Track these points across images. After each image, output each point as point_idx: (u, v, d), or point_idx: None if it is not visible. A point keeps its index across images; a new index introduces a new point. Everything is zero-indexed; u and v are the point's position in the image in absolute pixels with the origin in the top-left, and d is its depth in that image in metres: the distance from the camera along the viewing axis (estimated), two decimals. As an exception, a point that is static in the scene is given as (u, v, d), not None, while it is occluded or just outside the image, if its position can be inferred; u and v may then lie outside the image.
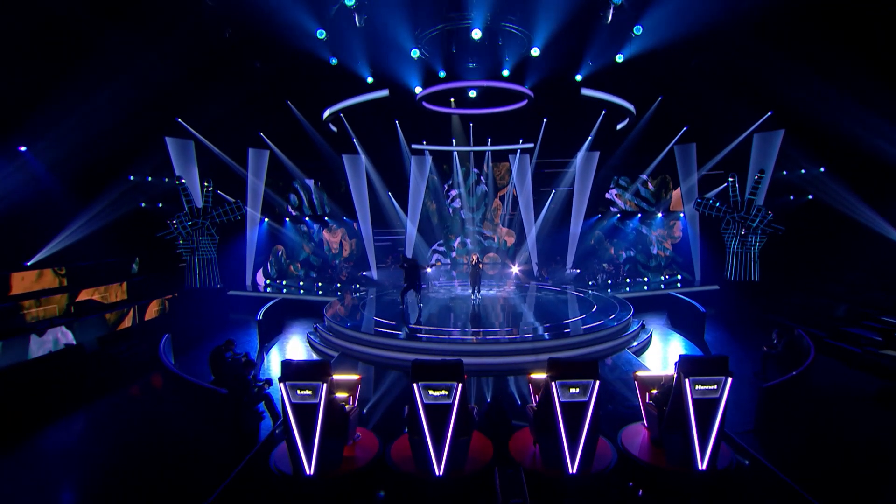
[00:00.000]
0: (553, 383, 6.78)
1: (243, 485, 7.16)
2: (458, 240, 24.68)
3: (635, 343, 13.75)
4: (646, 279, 21.24)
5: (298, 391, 6.82)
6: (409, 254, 22.94)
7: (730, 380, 6.97)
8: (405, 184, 23.36)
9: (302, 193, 22.71)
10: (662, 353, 13.41)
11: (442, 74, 17.39)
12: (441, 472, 6.81)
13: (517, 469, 6.49)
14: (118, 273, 14.71)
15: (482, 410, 8.48)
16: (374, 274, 22.92)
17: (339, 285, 20.33)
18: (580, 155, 22.75)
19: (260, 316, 14.31)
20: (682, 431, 7.03)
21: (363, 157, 22.34)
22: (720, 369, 6.98)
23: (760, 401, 8.83)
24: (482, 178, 24.65)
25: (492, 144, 23.40)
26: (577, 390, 6.77)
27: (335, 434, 7.10)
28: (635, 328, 14.57)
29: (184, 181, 15.64)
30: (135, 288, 14.47)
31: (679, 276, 21.44)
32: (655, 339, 14.66)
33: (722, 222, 18.23)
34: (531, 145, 22.43)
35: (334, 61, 16.26)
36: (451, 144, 23.60)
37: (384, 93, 14.87)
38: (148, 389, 10.66)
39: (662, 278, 21.45)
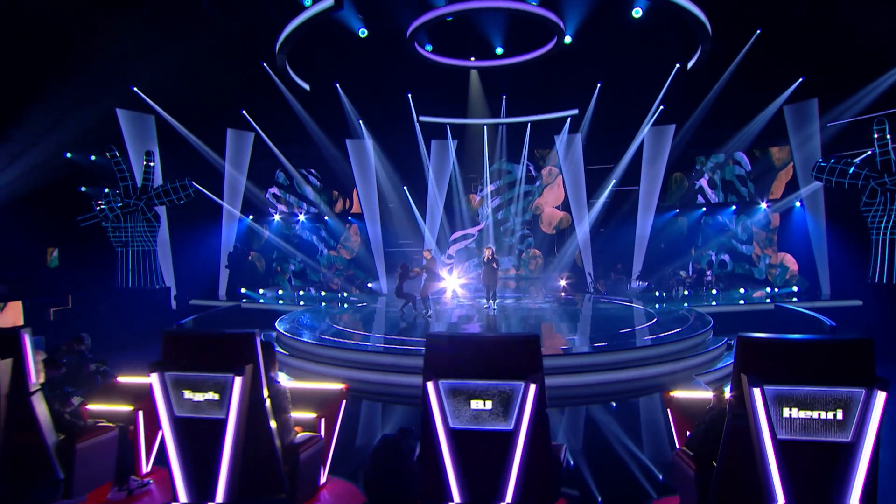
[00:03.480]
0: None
1: None
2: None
3: (715, 368, 9.46)
4: (742, 290, 16.38)
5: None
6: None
7: (881, 396, 2.98)
8: (422, 178, 20.41)
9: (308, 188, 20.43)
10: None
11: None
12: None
13: None
14: (27, 264, 12.75)
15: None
16: (384, 286, 19.86)
17: (322, 294, 17.39)
18: (646, 131, 18.67)
19: (188, 325, 11.58)
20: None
21: (369, 141, 19.70)
22: (853, 370, 3.05)
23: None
24: (529, 169, 21.09)
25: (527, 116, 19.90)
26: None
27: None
28: (715, 348, 10.22)
29: (116, 153, 13.63)
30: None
31: (795, 287, 16.37)
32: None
33: (864, 196, 13.21)
34: (574, 111, 18.70)
35: (308, 2, 13.85)
36: (477, 126, 20.42)
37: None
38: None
39: (768, 290, 16.46)
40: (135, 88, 15.47)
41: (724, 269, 18.08)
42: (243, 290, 17.17)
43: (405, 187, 20.59)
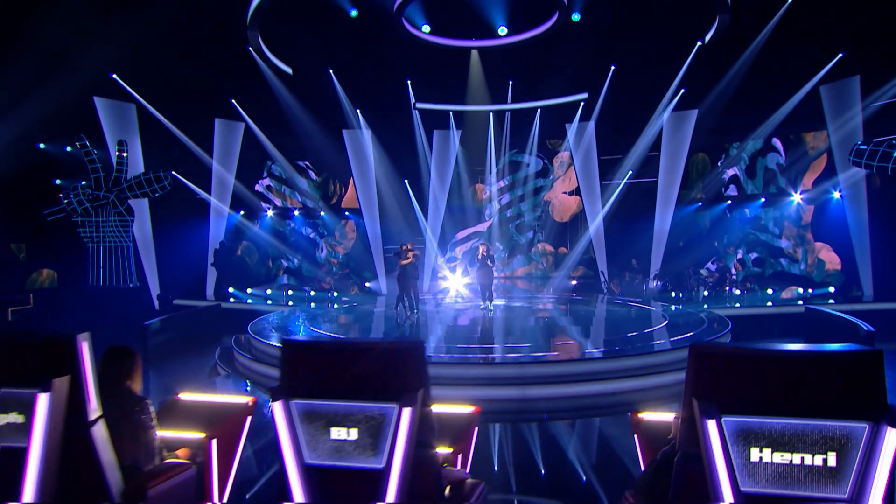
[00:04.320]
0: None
1: None
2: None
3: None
4: (770, 291, 15.16)
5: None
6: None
7: (892, 434, 2.08)
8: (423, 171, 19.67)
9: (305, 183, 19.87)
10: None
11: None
12: None
13: None
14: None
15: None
16: (383, 285, 19.16)
17: (312, 293, 16.74)
18: (666, 116, 17.57)
19: (154, 327, 10.99)
20: None
21: (366, 132, 19.02)
22: (854, 396, 2.17)
23: None
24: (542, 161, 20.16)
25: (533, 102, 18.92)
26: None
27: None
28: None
29: (87, 142, 13.19)
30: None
31: (831, 288, 15.08)
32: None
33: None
34: (584, 95, 17.67)
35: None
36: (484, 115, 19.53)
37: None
38: None
39: (800, 290, 15.19)
40: (114, 75, 15.06)
41: (752, 267, 16.84)
42: (231, 290, 16.67)
43: (406, 181, 19.88)
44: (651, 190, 17.93)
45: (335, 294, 16.51)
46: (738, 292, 14.37)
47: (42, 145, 13.82)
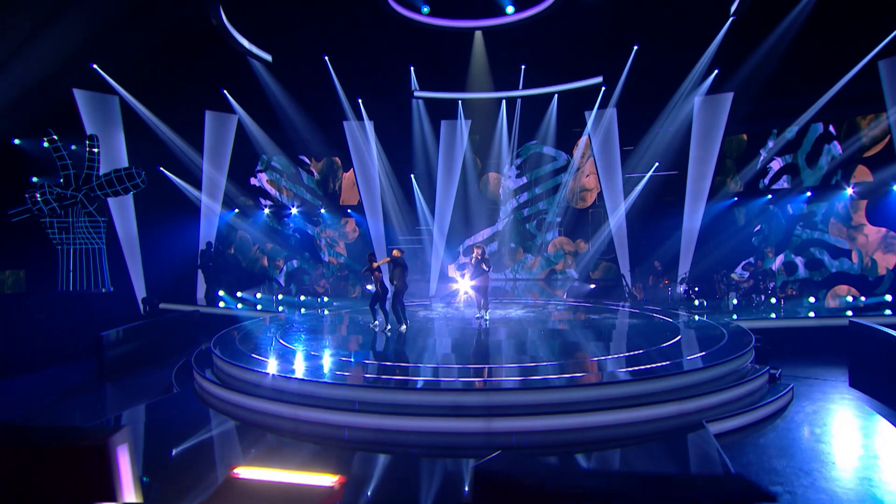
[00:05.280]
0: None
1: None
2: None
3: (746, 408, 7.26)
4: (812, 299, 13.59)
5: None
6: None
7: None
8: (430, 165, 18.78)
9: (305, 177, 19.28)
10: (809, 441, 6.73)
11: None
12: None
13: None
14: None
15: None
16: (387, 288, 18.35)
17: (301, 298, 16.06)
18: (697, 101, 16.15)
19: (111, 338, 10.41)
20: None
21: (367, 123, 18.24)
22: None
23: None
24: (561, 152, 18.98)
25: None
26: None
27: None
28: (751, 380, 7.97)
29: (55, 137, 12.80)
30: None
31: (887, 296, 13.41)
32: (803, 406, 7.88)
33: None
34: (598, 79, 16.38)
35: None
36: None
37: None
38: None
39: (849, 298, 13.57)
40: (94, 66, 14.71)
41: (797, 272, 15.24)
42: (221, 293, 16.18)
43: (412, 175, 19.03)
44: (678, 183, 16.53)
45: (325, 299, 15.75)
46: (774, 301, 12.87)
47: (17, 141, 13.54)
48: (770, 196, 15.94)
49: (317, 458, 6.18)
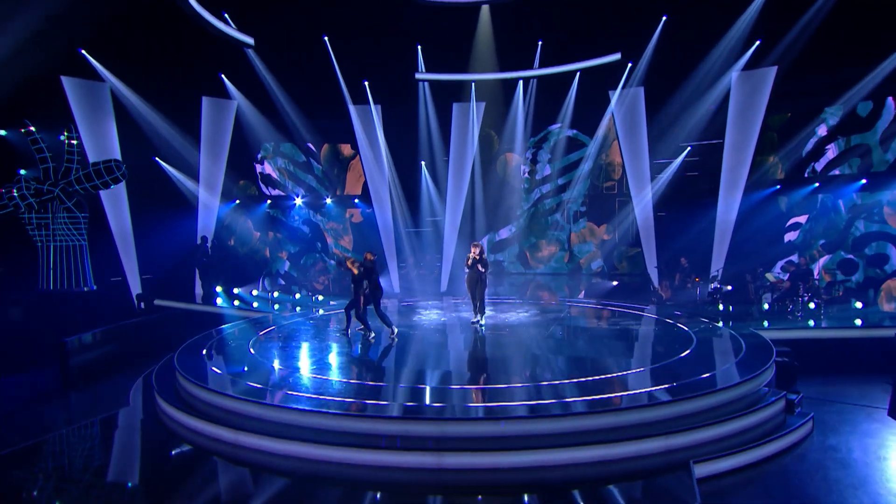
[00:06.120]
0: None
1: None
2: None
3: (752, 443, 6.33)
4: (859, 304, 12.18)
5: None
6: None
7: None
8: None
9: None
10: (821, 488, 5.74)
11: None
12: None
13: None
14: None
15: None
16: (395, 283, 17.83)
17: (297, 297, 15.60)
18: (734, 77, 14.78)
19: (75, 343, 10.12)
20: None
21: (376, 108, 17.58)
22: None
23: None
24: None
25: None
26: None
27: None
28: (761, 410, 6.96)
29: (32, 128, 12.61)
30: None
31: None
32: (824, 440, 6.85)
33: None
34: (616, 56, 15.15)
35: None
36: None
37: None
38: None
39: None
40: (82, 51, 14.52)
41: (852, 270, 13.77)
42: (218, 289, 15.93)
43: (423, 162, 18.30)
44: (713, 169, 15.25)
45: (320, 298, 15.21)
46: (812, 306, 11.54)
47: (2, 132, 13.47)
48: (818, 184, 14.48)
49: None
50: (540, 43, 16.46)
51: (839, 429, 7.13)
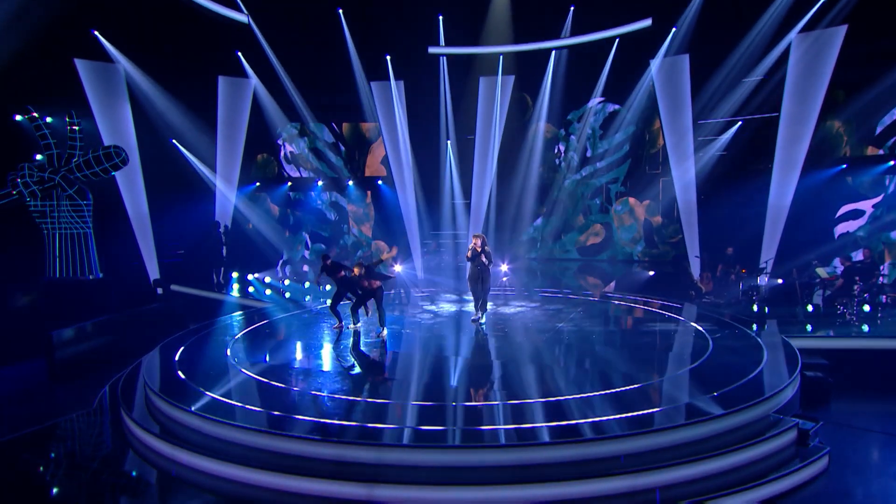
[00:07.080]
0: None
1: None
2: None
3: (749, 484, 5.57)
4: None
5: None
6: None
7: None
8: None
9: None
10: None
11: None
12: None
13: None
14: None
15: None
16: (418, 268, 17.43)
17: (306, 286, 15.42)
18: (792, 40, 13.29)
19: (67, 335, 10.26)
20: None
21: (398, 84, 17.07)
22: None
23: None
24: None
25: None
26: None
27: None
28: (766, 442, 6.10)
29: (34, 114, 12.81)
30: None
31: None
32: (840, 476, 5.94)
33: None
34: (647, 22, 13.90)
35: None
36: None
37: None
38: None
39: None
40: (95, 32, 14.69)
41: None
42: (234, 275, 16.06)
43: (448, 140, 17.68)
44: (765, 145, 13.87)
45: (328, 288, 14.98)
46: (867, 308, 10.18)
47: (19, 117, 13.80)
48: (891, 163, 12.88)
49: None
50: (572, 9, 15.41)
51: (861, 464, 6.18)
